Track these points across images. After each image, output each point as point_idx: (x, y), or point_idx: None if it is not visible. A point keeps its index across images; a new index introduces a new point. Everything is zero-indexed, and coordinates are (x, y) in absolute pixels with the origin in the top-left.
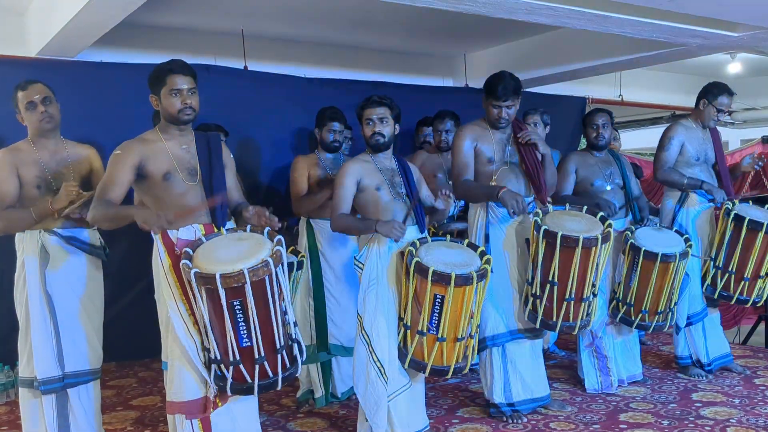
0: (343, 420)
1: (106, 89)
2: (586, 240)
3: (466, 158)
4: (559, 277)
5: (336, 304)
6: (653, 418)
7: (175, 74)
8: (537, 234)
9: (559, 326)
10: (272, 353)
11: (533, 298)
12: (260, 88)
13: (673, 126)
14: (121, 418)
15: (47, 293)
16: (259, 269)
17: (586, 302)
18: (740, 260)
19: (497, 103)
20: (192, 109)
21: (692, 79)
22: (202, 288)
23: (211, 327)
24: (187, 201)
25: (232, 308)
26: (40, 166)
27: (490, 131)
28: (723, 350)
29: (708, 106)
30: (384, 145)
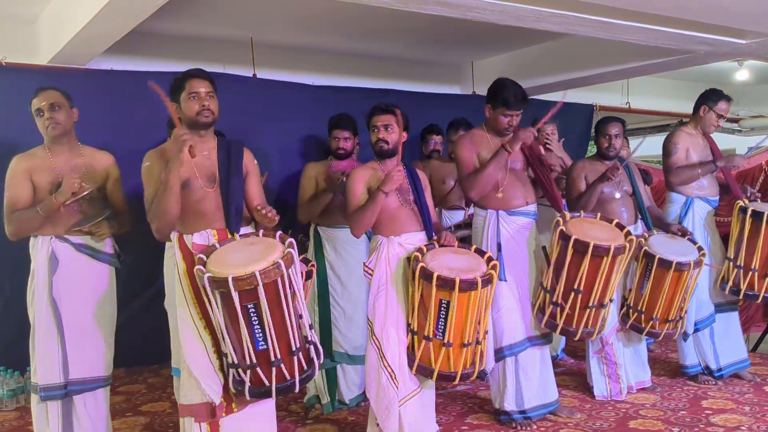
0: (352, 426)
1: (117, 97)
2: (617, 249)
3: (470, 161)
4: (585, 286)
5: (341, 311)
6: (663, 425)
7: (193, 78)
8: (564, 243)
9: (579, 333)
10: (288, 356)
11: (553, 306)
12: (269, 96)
13: (676, 132)
14: (131, 424)
15: (53, 300)
16: (270, 271)
17: (605, 308)
18: (747, 253)
19: (509, 112)
20: (210, 112)
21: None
22: (216, 292)
23: (227, 332)
24: (204, 206)
25: (246, 311)
26: (54, 172)
27: (489, 139)
28: (739, 356)
29: (709, 112)
30: (388, 152)
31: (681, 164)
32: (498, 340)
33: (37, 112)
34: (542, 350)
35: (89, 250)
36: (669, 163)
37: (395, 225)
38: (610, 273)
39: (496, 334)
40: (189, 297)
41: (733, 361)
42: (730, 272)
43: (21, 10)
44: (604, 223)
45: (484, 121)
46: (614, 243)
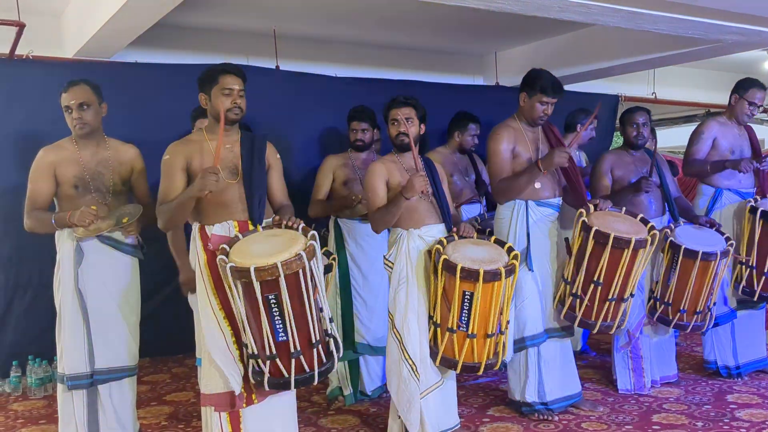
0: (374, 418)
1: (141, 89)
2: (638, 242)
3: (504, 161)
4: (605, 278)
5: (362, 303)
6: (687, 420)
7: (228, 74)
8: (586, 234)
9: (598, 326)
10: (308, 348)
11: (572, 298)
12: (292, 88)
13: (705, 121)
14: (156, 413)
15: (79, 291)
16: (292, 263)
17: (626, 302)
18: (759, 254)
19: (546, 99)
20: (240, 109)
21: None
22: (238, 282)
23: (248, 322)
24: (226, 198)
25: (268, 302)
26: (80, 165)
27: (523, 131)
28: (759, 354)
29: (740, 101)
30: (409, 144)
31: (696, 156)
32: (520, 330)
33: (66, 108)
34: (563, 342)
35: (113, 242)
36: (688, 152)
37: (415, 218)
38: (631, 267)
39: (518, 325)
40: (209, 288)
41: (752, 359)
42: (743, 273)
43: (47, 4)
44: (628, 217)
45: (516, 112)
46: (636, 236)
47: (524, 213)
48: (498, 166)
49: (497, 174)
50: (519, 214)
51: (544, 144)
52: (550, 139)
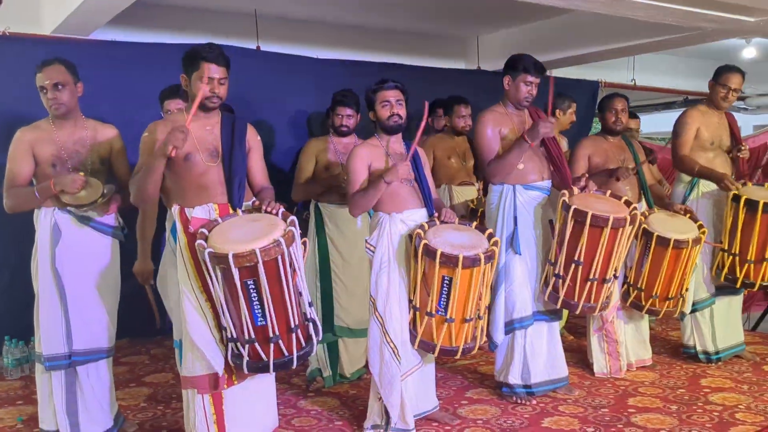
0: (353, 399)
1: (120, 68)
2: (616, 220)
3: (492, 143)
4: (585, 257)
5: (343, 286)
6: (662, 403)
7: (209, 62)
8: (566, 213)
9: (580, 307)
10: (287, 332)
11: (555, 278)
12: (272, 69)
13: (688, 111)
14: (135, 395)
15: (56, 271)
16: (270, 249)
17: (608, 284)
18: (742, 241)
19: (530, 78)
20: (219, 98)
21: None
22: (217, 267)
23: (227, 306)
24: (206, 180)
25: (246, 287)
26: (57, 145)
27: (508, 115)
28: (736, 340)
29: (715, 86)
30: (401, 127)
31: (686, 150)
32: (509, 312)
33: (41, 89)
34: (550, 326)
35: (93, 222)
36: (675, 144)
37: (396, 202)
38: (611, 246)
39: (508, 307)
40: (191, 271)
41: (731, 345)
42: (725, 261)
43: None
44: (611, 199)
45: (501, 98)
46: (614, 214)
47: (512, 197)
48: (486, 150)
49: (486, 157)
50: (507, 198)
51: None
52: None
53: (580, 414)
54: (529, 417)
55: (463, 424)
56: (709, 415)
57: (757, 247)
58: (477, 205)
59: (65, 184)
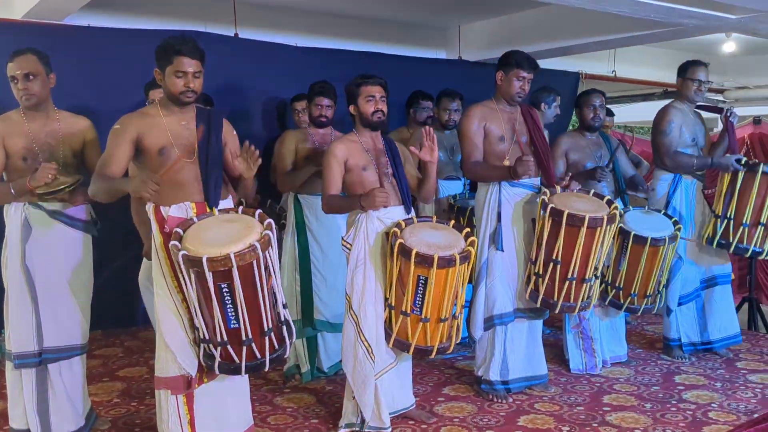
0: (329, 396)
1: (94, 55)
2: (592, 219)
3: (475, 139)
4: (563, 256)
5: (322, 280)
6: (636, 401)
7: (182, 56)
8: (543, 212)
9: (559, 306)
10: (259, 336)
11: (536, 277)
12: (251, 57)
13: (667, 110)
14: (108, 390)
15: (26, 267)
16: (246, 254)
17: (587, 283)
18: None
19: (523, 74)
20: (194, 93)
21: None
22: (191, 270)
23: (200, 308)
24: (182, 178)
25: (220, 291)
26: (28, 137)
27: (498, 110)
28: (731, 331)
29: (684, 81)
30: (384, 123)
31: (675, 147)
32: (489, 308)
33: (12, 79)
34: (531, 323)
35: (64, 217)
36: (665, 143)
37: None
38: (589, 245)
39: (488, 303)
40: (167, 271)
41: (724, 336)
42: (719, 226)
43: None
44: (592, 198)
45: (494, 94)
46: (590, 214)
47: (497, 193)
48: (468, 146)
49: (467, 154)
50: (492, 194)
51: (521, 125)
52: (527, 122)
53: (555, 412)
54: (505, 415)
55: (439, 422)
56: (682, 414)
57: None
58: (456, 200)
59: (40, 179)
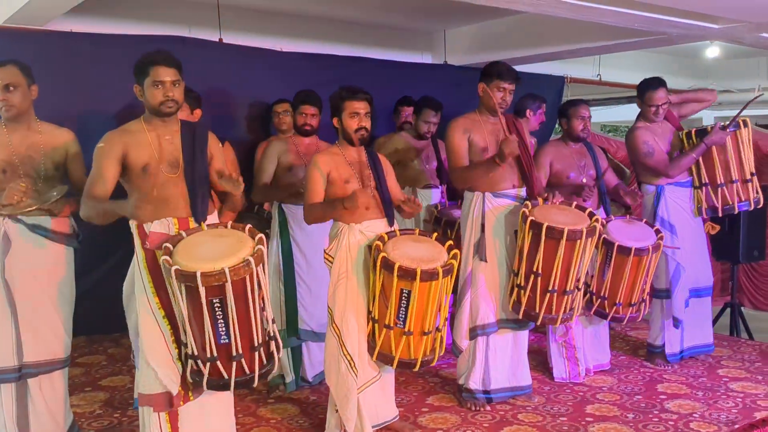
0: (313, 407)
1: (77, 61)
2: (571, 232)
3: (461, 149)
4: (543, 269)
5: (307, 289)
6: (619, 411)
7: (158, 65)
8: (524, 224)
9: (541, 318)
10: (249, 351)
11: (518, 289)
12: (235, 62)
13: (634, 134)
14: (90, 400)
15: (5, 282)
16: (240, 269)
17: (568, 295)
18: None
19: (504, 84)
20: (175, 102)
21: (671, 59)
22: (182, 285)
23: (189, 324)
24: (166, 193)
25: (212, 306)
26: (9, 149)
27: (481, 121)
28: (704, 340)
29: (643, 107)
30: (366, 140)
31: (667, 159)
32: (473, 319)
33: None
34: (515, 334)
35: (45, 231)
36: (654, 162)
37: (356, 212)
38: (569, 258)
39: (472, 314)
40: (149, 287)
41: (696, 344)
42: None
43: None
44: (574, 210)
45: (477, 106)
46: (569, 227)
47: (481, 204)
48: (455, 156)
49: (453, 162)
50: (476, 204)
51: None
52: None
53: (539, 423)
54: (489, 426)
55: None
56: (664, 425)
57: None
58: (441, 213)
59: (6, 198)
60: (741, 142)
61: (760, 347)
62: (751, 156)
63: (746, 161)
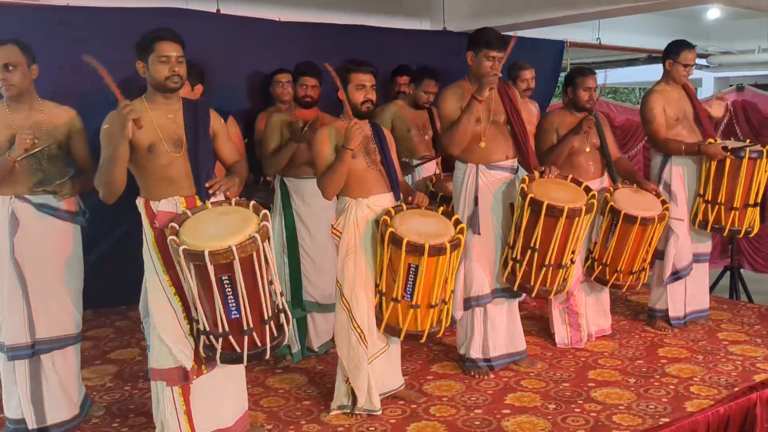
0: (320, 376)
1: (75, 35)
2: (571, 210)
3: (453, 117)
4: (540, 244)
5: (311, 262)
6: (620, 376)
7: (164, 41)
8: (522, 201)
9: (536, 290)
10: (260, 324)
11: (513, 262)
12: (233, 33)
13: (649, 97)
14: (100, 373)
15: (15, 261)
16: (246, 245)
17: (563, 269)
18: (728, 190)
19: (492, 53)
20: (179, 77)
21: (671, 21)
22: (191, 264)
23: (200, 301)
24: (171, 172)
25: (221, 283)
26: (12, 128)
27: (473, 90)
28: (702, 305)
29: (675, 65)
30: (372, 113)
31: (664, 132)
32: (468, 290)
33: None
34: (509, 302)
35: (51, 210)
36: (653, 131)
37: (363, 187)
38: (567, 234)
39: (466, 285)
40: (158, 265)
41: (696, 310)
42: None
43: None
44: (571, 185)
45: (467, 74)
46: (569, 204)
47: (475, 176)
48: (447, 122)
49: (446, 127)
50: (469, 177)
51: (497, 105)
52: (504, 102)
53: (542, 389)
54: (493, 393)
55: (428, 401)
56: (665, 389)
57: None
58: (436, 187)
59: (19, 145)
60: (757, 170)
61: (759, 310)
62: (762, 185)
63: (754, 191)
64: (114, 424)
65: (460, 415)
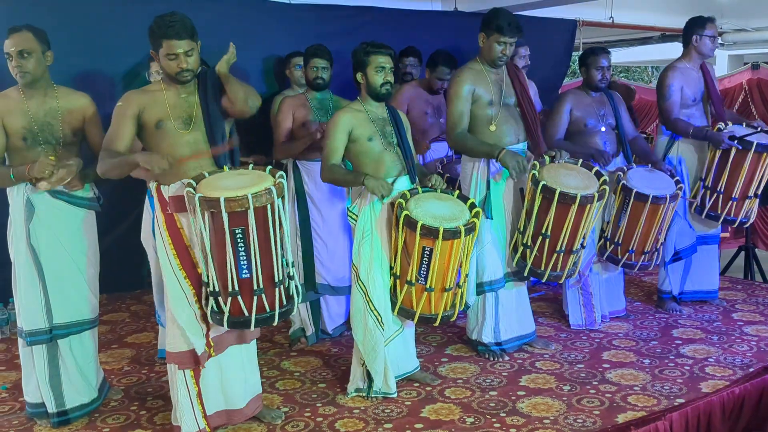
0: (335, 359)
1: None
2: (584, 198)
3: (463, 107)
4: (552, 231)
5: (323, 244)
6: (635, 357)
7: (170, 39)
8: (534, 187)
9: (547, 275)
10: (271, 286)
11: (523, 247)
12: (244, 16)
13: (669, 73)
14: (117, 357)
15: (32, 247)
16: (262, 195)
17: (574, 254)
18: (729, 180)
19: (503, 39)
20: (190, 72)
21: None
22: (206, 212)
23: (212, 257)
24: (180, 150)
25: (234, 236)
26: (28, 116)
27: (485, 72)
28: (708, 286)
29: (702, 39)
30: (391, 94)
31: (677, 112)
32: (480, 275)
33: (7, 55)
34: (519, 286)
35: (67, 196)
36: (666, 108)
37: (379, 170)
38: (579, 220)
39: (479, 270)
40: (170, 250)
41: (700, 289)
42: (707, 200)
43: None
44: (582, 170)
45: (478, 53)
46: (582, 192)
47: (486, 161)
48: (455, 114)
49: (453, 123)
50: (481, 161)
51: (508, 87)
52: (515, 84)
53: (556, 371)
54: (508, 375)
55: (443, 384)
56: (680, 370)
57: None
58: (445, 169)
59: (38, 172)
60: (761, 163)
61: None
62: (765, 178)
63: (755, 183)
64: (132, 407)
65: (475, 396)
